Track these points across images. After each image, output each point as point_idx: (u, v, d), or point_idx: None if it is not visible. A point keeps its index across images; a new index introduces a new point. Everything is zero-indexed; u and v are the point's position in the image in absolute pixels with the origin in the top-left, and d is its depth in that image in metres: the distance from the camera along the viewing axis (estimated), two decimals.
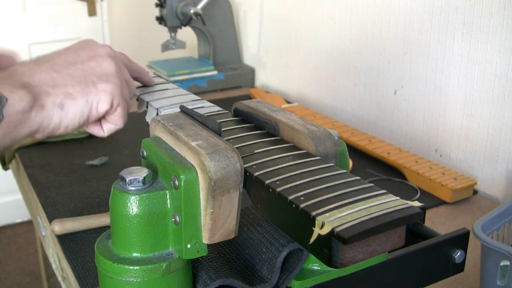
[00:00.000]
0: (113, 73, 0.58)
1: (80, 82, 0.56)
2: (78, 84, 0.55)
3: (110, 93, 0.57)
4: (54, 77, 0.55)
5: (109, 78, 0.58)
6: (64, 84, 0.55)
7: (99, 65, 0.58)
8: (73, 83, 0.55)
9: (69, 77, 0.55)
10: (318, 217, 0.39)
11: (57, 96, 0.54)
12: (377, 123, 1.27)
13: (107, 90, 0.57)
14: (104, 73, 0.58)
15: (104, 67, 0.58)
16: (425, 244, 0.58)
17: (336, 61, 1.37)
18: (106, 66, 0.58)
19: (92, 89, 0.56)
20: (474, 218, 0.92)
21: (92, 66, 0.57)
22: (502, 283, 0.67)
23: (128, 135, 1.29)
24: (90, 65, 0.57)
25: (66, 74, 0.55)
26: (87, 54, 0.58)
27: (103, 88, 0.57)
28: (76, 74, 0.56)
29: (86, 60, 0.58)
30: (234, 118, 0.60)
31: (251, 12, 1.69)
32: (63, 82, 0.55)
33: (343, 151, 0.55)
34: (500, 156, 1.00)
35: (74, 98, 0.55)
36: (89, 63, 0.58)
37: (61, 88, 0.54)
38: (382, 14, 1.20)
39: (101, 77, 0.57)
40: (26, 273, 2.38)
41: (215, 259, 0.53)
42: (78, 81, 0.56)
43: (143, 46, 2.50)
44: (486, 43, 0.99)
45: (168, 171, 0.47)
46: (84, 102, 0.56)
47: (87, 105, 0.56)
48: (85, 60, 0.58)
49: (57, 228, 0.86)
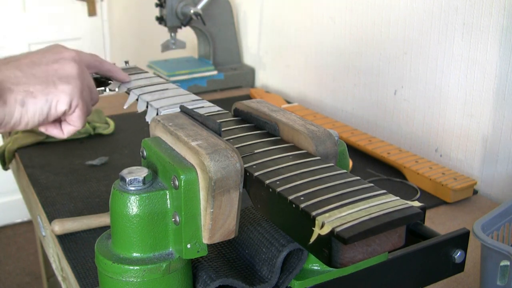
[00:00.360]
0: (74, 76, 0.61)
1: (42, 82, 0.59)
2: (40, 84, 0.59)
3: (69, 94, 0.60)
4: (17, 75, 0.58)
5: (70, 80, 0.61)
6: (27, 83, 0.58)
7: (62, 67, 0.61)
8: (35, 82, 0.58)
9: (32, 76, 0.59)
10: (318, 217, 0.39)
11: (19, 94, 0.57)
12: (377, 123, 1.27)
13: (66, 91, 0.60)
14: (66, 75, 0.61)
15: (66, 70, 0.61)
16: (425, 244, 0.58)
17: (336, 61, 1.37)
18: (68, 68, 0.61)
19: (52, 89, 0.59)
20: (474, 218, 0.92)
21: (55, 68, 0.61)
22: (502, 283, 0.67)
23: (128, 135, 1.29)
24: (53, 67, 0.61)
25: (30, 74, 0.59)
26: (52, 57, 0.62)
27: (62, 89, 0.60)
28: (39, 74, 0.59)
29: (51, 62, 0.61)
30: (234, 118, 0.60)
31: (251, 12, 1.69)
32: (26, 81, 0.58)
33: (343, 151, 0.55)
34: (500, 156, 1.00)
35: (34, 96, 0.58)
36: (52, 65, 0.61)
37: (23, 86, 0.57)
38: (382, 14, 1.20)
39: (62, 78, 0.60)
40: (26, 273, 2.38)
41: (215, 259, 0.53)
42: (40, 81, 0.59)
43: (143, 46, 2.50)
44: (486, 43, 0.99)
45: (168, 171, 0.47)
46: (44, 101, 0.59)
47: (47, 104, 0.59)
48: (50, 62, 0.61)
49: (57, 228, 0.86)
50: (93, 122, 1.28)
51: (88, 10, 2.69)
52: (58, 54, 0.62)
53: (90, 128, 1.26)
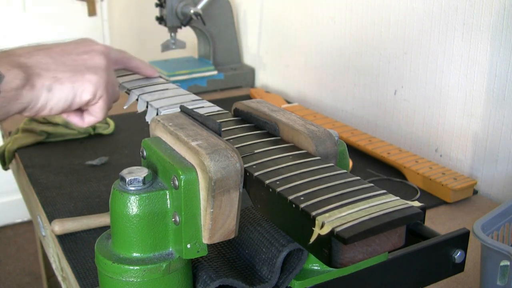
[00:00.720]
0: (102, 68, 0.63)
1: (70, 70, 0.60)
2: (68, 72, 0.60)
3: (95, 84, 0.62)
4: (47, 61, 0.60)
5: (97, 71, 0.62)
6: (55, 69, 0.59)
7: (91, 58, 0.63)
8: (64, 70, 0.60)
9: (62, 64, 0.60)
10: (318, 217, 0.39)
11: (47, 79, 0.59)
12: (377, 123, 1.27)
13: (92, 81, 0.61)
14: (94, 66, 0.62)
15: (95, 61, 0.63)
16: (425, 244, 0.58)
17: (336, 61, 1.37)
18: (97, 60, 0.63)
19: (79, 78, 0.61)
20: (474, 218, 0.92)
21: (84, 58, 0.62)
22: (502, 283, 0.67)
23: (128, 135, 1.29)
24: (83, 57, 0.62)
25: (59, 61, 0.60)
26: (83, 49, 0.63)
27: (89, 79, 0.61)
28: (68, 62, 0.61)
29: (81, 53, 0.63)
30: (234, 118, 0.60)
31: (251, 12, 1.69)
32: (55, 67, 0.60)
33: (343, 151, 0.55)
34: (500, 156, 1.00)
35: (61, 83, 0.59)
36: (82, 56, 0.62)
37: (52, 72, 0.59)
38: (382, 14, 1.20)
39: (90, 68, 0.62)
40: (26, 273, 2.38)
41: (215, 259, 0.53)
42: (68, 69, 0.60)
43: (143, 46, 2.50)
44: (486, 43, 0.99)
45: (168, 171, 0.47)
46: (70, 88, 0.60)
47: (72, 92, 0.60)
48: (80, 53, 0.63)
49: (57, 228, 0.86)
50: None
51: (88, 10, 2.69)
52: (89, 46, 0.64)
53: (90, 128, 1.26)
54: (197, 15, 1.50)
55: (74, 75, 0.60)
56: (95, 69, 0.62)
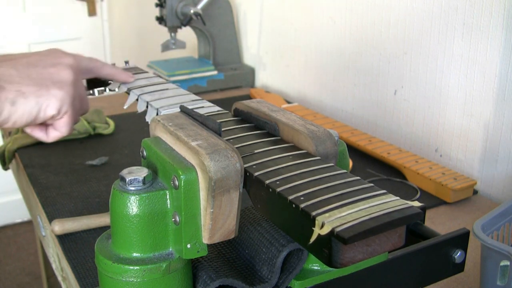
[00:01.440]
0: (68, 82, 0.61)
1: (35, 83, 0.59)
2: (33, 85, 0.59)
3: (60, 99, 0.60)
4: (12, 74, 0.58)
5: (63, 86, 0.61)
6: (20, 82, 0.58)
7: (57, 72, 0.61)
8: (28, 83, 0.58)
9: (27, 77, 0.59)
10: (318, 217, 0.39)
11: (11, 92, 0.57)
12: (377, 123, 1.27)
13: (57, 96, 0.60)
14: (60, 80, 0.61)
15: (61, 75, 0.61)
16: (425, 244, 0.58)
17: (336, 61, 1.37)
18: (64, 75, 0.61)
19: (44, 92, 0.59)
20: (474, 218, 0.92)
21: (51, 72, 0.61)
22: (502, 283, 0.67)
23: (128, 135, 1.29)
24: (49, 70, 0.61)
25: (25, 74, 0.59)
26: (50, 61, 0.62)
27: (54, 94, 0.60)
28: (34, 75, 0.59)
29: (48, 65, 0.61)
30: (234, 118, 0.60)
31: (251, 12, 1.69)
32: (19, 80, 0.58)
33: (343, 151, 0.55)
34: (500, 156, 1.00)
35: (26, 97, 0.58)
36: (49, 69, 0.61)
37: (16, 85, 0.58)
38: (382, 14, 1.20)
39: (56, 83, 0.60)
40: (26, 273, 2.38)
41: (215, 259, 0.53)
42: (34, 82, 0.59)
43: (143, 46, 2.50)
44: (486, 43, 0.99)
45: (168, 171, 0.47)
46: (34, 103, 0.59)
47: (37, 106, 0.59)
48: (47, 66, 0.61)
49: (57, 228, 0.86)
50: (93, 122, 1.28)
51: (88, 10, 2.69)
52: (56, 58, 0.63)
53: (90, 128, 1.26)
54: (197, 15, 1.50)
55: (39, 89, 0.59)
56: (61, 84, 0.61)
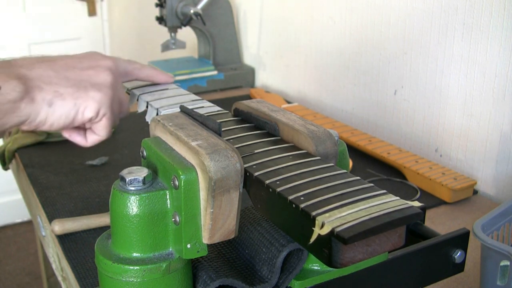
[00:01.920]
0: (107, 85, 0.60)
1: (73, 85, 0.58)
2: (71, 87, 0.58)
3: (99, 101, 0.59)
4: (50, 75, 0.57)
5: (102, 88, 0.60)
6: (58, 83, 0.57)
7: (96, 74, 0.60)
8: (66, 85, 0.58)
9: (65, 78, 0.58)
10: (318, 217, 0.39)
11: (48, 93, 0.56)
12: (377, 123, 1.27)
13: (96, 98, 0.59)
14: (99, 82, 0.60)
15: (100, 77, 0.60)
16: (425, 244, 0.58)
17: (336, 61, 1.37)
18: (102, 76, 0.60)
19: (82, 94, 0.58)
20: (474, 218, 0.92)
21: (89, 74, 0.60)
22: (502, 283, 0.67)
23: (128, 135, 1.29)
24: (88, 73, 0.60)
25: (63, 75, 0.58)
26: (89, 63, 0.61)
27: (93, 96, 0.59)
28: (72, 77, 0.58)
29: (86, 68, 0.60)
30: (234, 118, 0.60)
31: (251, 12, 1.69)
32: (57, 81, 0.57)
33: (343, 151, 0.55)
34: (500, 156, 1.00)
35: (63, 98, 0.57)
36: (87, 71, 0.60)
37: (54, 86, 0.57)
38: (382, 14, 1.20)
39: (94, 85, 0.59)
40: (26, 273, 2.38)
41: (215, 259, 0.53)
42: (72, 84, 0.58)
43: (143, 46, 2.50)
44: (486, 43, 0.99)
45: (168, 171, 0.47)
46: (72, 104, 0.58)
47: (74, 108, 0.58)
48: (85, 68, 0.60)
49: (57, 228, 0.86)
50: None
51: (88, 10, 2.69)
52: (95, 61, 0.62)
53: None
54: (197, 15, 1.50)
55: (77, 90, 0.58)
56: (99, 86, 0.60)
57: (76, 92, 0.58)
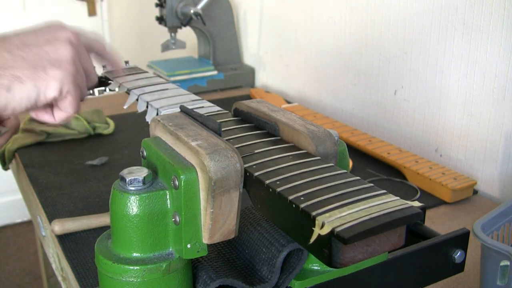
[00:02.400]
0: (67, 59, 0.57)
1: (31, 66, 0.55)
2: (28, 68, 0.55)
3: (60, 79, 0.56)
4: (6, 57, 0.54)
5: (62, 64, 0.57)
6: (14, 66, 0.54)
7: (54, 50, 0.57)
8: (23, 66, 0.55)
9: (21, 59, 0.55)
10: (318, 217, 0.39)
11: (5, 78, 0.54)
12: (377, 123, 1.27)
13: (56, 77, 0.56)
14: (58, 59, 0.57)
15: (59, 53, 0.57)
16: (425, 244, 0.58)
17: (336, 61, 1.37)
18: (61, 52, 0.57)
19: (41, 74, 0.55)
20: (474, 218, 0.92)
21: (47, 50, 0.57)
22: (502, 283, 0.67)
23: (128, 135, 1.29)
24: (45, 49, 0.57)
25: (19, 56, 0.55)
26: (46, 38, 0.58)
27: (52, 74, 0.56)
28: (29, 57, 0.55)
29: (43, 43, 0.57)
30: (234, 118, 0.59)
31: (251, 12, 1.69)
32: (13, 64, 0.54)
33: (343, 151, 0.55)
34: (500, 156, 1.00)
35: (22, 81, 0.54)
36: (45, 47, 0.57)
37: (10, 69, 0.54)
38: (382, 14, 1.20)
39: (53, 62, 0.56)
40: (26, 273, 2.38)
41: (215, 259, 0.53)
42: (29, 65, 0.55)
43: (143, 46, 2.50)
44: (486, 43, 0.99)
45: (168, 171, 0.47)
46: (32, 86, 0.55)
47: (35, 90, 0.55)
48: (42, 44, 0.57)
49: (57, 228, 0.86)
50: (93, 122, 1.28)
51: (88, 10, 2.69)
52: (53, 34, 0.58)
53: (90, 128, 1.26)
54: (197, 15, 1.50)
55: (35, 71, 0.55)
56: (59, 63, 0.56)
57: (35, 72, 0.55)
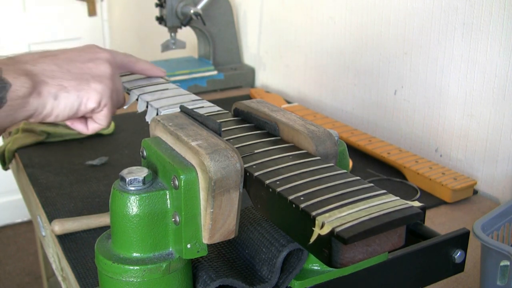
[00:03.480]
0: (107, 76, 0.64)
1: (76, 78, 0.61)
2: (74, 80, 0.61)
3: (100, 92, 0.63)
4: (53, 69, 0.60)
5: (102, 80, 0.63)
6: (62, 77, 0.60)
7: (96, 67, 0.63)
8: (69, 78, 0.61)
9: (68, 72, 0.61)
10: (318, 217, 0.39)
11: (53, 87, 0.59)
12: (377, 123, 1.27)
13: (97, 90, 0.62)
14: (99, 74, 0.63)
15: (101, 70, 0.64)
16: (425, 244, 0.58)
17: (336, 61, 1.37)
18: (102, 69, 0.64)
19: (85, 86, 0.62)
20: (474, 218, 0.92)
21: (90, 66, 0.63)
22: (502, 283, 0.67)
23: (128, 135, 1.29)
24: (88, 65, 0.63)
25: (65, 69, 0.61)
26: (88, 56, 0.64)
27: (94, 87, 0.62)
28: (74, 70, 0.62)
29: (86, 61, 0.63)
30: (234, 118, 0.60)
31: (251, 12, 1.69)
32: (61, 75, 0.60)
33: (343, 151, 0.55)
34: (500, 156, 1.00)
35: (67, 91, 0.60)
36: (88, 64, 0.63)
37: (58, 80, 0.60)
38: (382, 14, 1.20)
39: (95, 77, 0.63)
40: (26, 273, 2.38)
41: (215, 259, 0.53)
42: (74, 77, 0.61)
43: (143, 46, 2.50)
44: (486, 43, 0.99)
45: (168, 171, 0.47)
46: (76, 96, 0.61)
47: (78, 100, 0.61)
48: (85, 61, 0.63)
49: (57, 228, 0.86)
50: None
51: (88, 10, 2.69)
52: (94, 53, 0.65)
53: None
54: (197, 15, 1.50)
55: (79, 83, 0.61)
56: (100, 78, 0.63)
57: (79, 84, 0.61)
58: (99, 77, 0.63)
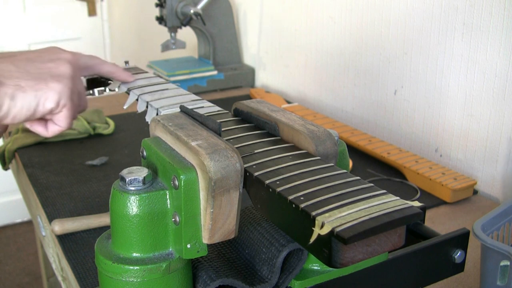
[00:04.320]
0: (67, 76, 0.62)
1: (34, 78, 0.60)
2: (32, 80, 0.60)
3: (59, 92, 0.61)
4: (11, 69, 0.59)
5: (61, 80, 0.61)
6: (19, 77, 0.59)
7: (56, 66, 0.62)
8: (27, 78, 0.59)
9: (25, 72, 0.60)
10: (318, 217, 0.39)
11: (10, 87, 0.58)
12: (377, 123, 1.27)
13: (56, 89, 0.61)
14: (59, 74, 0.62)
15: (60, 70, 0.62)
16: (425, 244, 0.58)
17: (336, 61, 1.37)
18: (62, 69, 0.62)
19: (43, 86, 0.60)
20: (474, 218, 0.92)
21: (49, 66, 0.62)
22: (502, 283, 0.67)
23: (128, 135, 1.29)
24: (48, 65, 0.62)
25: (23, 69, 0.60)
26: (49, 57, 0.63)
27: (52, 87, 0.61)
28: (32, 70, 0.60)
29: (46, 61, 0.62)
30: (234, 118, 0.60)
31: (251, 12, 1.69)
32: (18, 75, 0.59)
33: (343, 151, 0.55)
34: (500, 156, 1.00)
35: (24, 91, 0.59)
36: (47, 64, 0.62)
37: (15, 80, 0.59)
38: (382, 14, 1.20)
39: (54, 77, 0.61)
40: (26, 273, 2.38)
41: (215, 259, 0.53)
42: (32, 77, 0.60)
43: (143, 46, 2.50)
44: (486, 43, 0.99)
45: (168, 171, 0.47)
46: (33, 96, 0.59)
47: (35, 100, 0.60)
48: (45, 61, 0.62)
49: (57, 228, 0.86)
50: (93, 122, 1.28)
51: (88, 10, 2.69)
52: (55, 54, 0.64)
53: (90, 128, 1.26)
54: (197, 15, 1.50)
55: (37, 83, 0.60)
56: (59, 78, 0.61)
57: (37, 84, 0.60)
58: (58, 77, 0.61)
